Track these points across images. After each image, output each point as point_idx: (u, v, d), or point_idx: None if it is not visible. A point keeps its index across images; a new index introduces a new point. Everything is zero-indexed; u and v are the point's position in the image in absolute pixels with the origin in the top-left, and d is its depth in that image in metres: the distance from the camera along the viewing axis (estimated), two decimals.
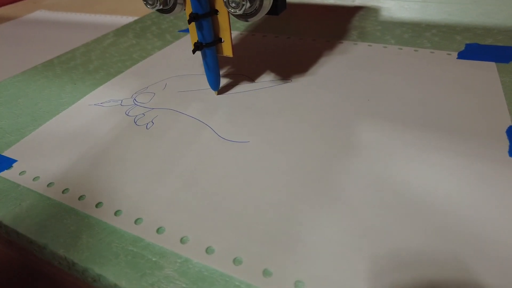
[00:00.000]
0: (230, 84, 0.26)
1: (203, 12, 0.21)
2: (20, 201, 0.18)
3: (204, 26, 0.22)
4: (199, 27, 0.22)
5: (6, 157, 0.21)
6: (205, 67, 0.24)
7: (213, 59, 0.23)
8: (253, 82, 0.26)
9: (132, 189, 0.18)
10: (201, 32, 0.22)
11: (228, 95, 0.25)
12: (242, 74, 0.27)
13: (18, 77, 0.31)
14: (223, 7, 0.21)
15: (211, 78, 0.24)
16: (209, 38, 0.22)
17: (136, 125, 0.23)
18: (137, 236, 0.16)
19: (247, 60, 0.30)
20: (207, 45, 0.22)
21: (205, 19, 0.21)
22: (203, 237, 0.15)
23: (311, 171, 0.18)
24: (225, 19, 0.22)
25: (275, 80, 0.26)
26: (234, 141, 0.20)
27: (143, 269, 0.14)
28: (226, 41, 0.23)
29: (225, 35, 0.22)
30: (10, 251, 0.19)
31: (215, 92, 0.25)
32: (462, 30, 0.31)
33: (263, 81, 0.26)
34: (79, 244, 0.16)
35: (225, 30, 0.22)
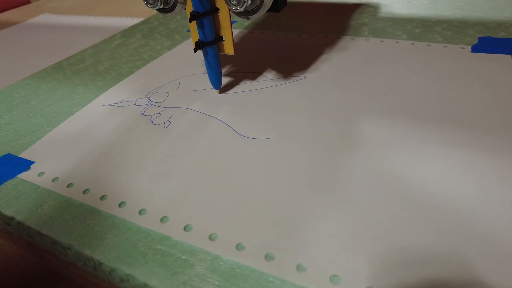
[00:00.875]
0: (243, 82, 0.26)
1: (203, 10, 0.21)
2: (41, 203, 0.18)
3: (205, 24, 0.21)
4: (200, 26, 0.22)
5: (24, 159, 0.21)
6: (206, 66, 0.24)
7: (214, 57, 0.23)
8: (267, 79, 0.26)
9: (154, 187, 0.18)
10: (202, 31, 0.22)
11: (243, 93, 0.25)
12: (255, 71, 0.27)
13: (28, 80, 0.31)
14: (224, 5, 0.21)
15: (213, 77, 0.24)
16: (210, 36, 0.22)
17: (153, 124, 0.22)
18: (164, 235, 0.15)
19: (254, 58, 0.29)
20: (208, 43, 0.22)
21: (206, 17, 0.21)
22: (232, 233, 0.15)
23: (333, 166, 0.18)
24: (226, 17, 0.22)
25: (289, 77, 0.26)
26: (254, 138, 0.20)
27: (173, 268, 0.14)
28: (228, 39, 0.22)
29: (226, 33, 0.22)
30: (29, 255, 0.19)
31: (217, 91, 0.25)
32: (473, 24, 0.31)
33: (277, 78, 0.26)
34: (105, 244, 0.15)
35: (226, 28, 0.22)
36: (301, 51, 0.30)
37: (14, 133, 0.24)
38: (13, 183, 0.19)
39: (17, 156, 0.21)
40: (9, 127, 0.24)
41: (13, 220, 0.17)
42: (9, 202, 0.18)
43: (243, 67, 0.28)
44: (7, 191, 0.19)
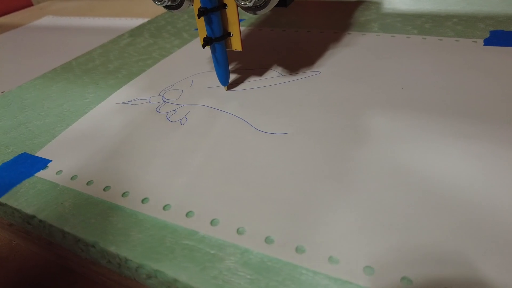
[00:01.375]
0: (256, 78, 0.26)
1: (211, 6, 0.21)
2: (61, 201, 0.18)
3: (213, 20, 0.21)
4: (208, 21, 0.22)
5: (40, 158, 0.21)
6: (214, 62, 0.24)
7: (222, 53, 0.23)
8: (281, 75, 0.26)
9: (176, 183, 0.17)
10: (210, 27, 0.22)
11: (257, 89, 0.25)
12: (268, 68, 0.27)
13: (38, 80, 0.31)
14: (231, 0, 0.21)
15: (221, 73, 0.24)
16: (218, 32, 0.22)
17: (169, 121, 0.22)
18: (191, 230, 0.15)
19: (265, 54, 0.29)
20: (216, 39, 0.22)
21: (214, 13, 0.21)
22: (260, 227, 0.15)
23: (352, 159, 0.18)
24: (233, 13, 0.22)
25: (303, 73, 0.26)
26: (273, 133, 0.20)
27: (203, 262, 0.14)
28: (235, 35, 0.22)
29: (233, 29, 0.22)
30: (48, 254, 0.19)
31: (225, 87, 0.25)
32: (483, 18, 0.31)
33: (290, 74, 0.26)
34: (130, 241, 0.15)
35: (233, 24, 0.22)
36: (312, 47, 0.30)
37: (29, 132, 0.23)
38: (31, 181, 0.19)
39: (33, 155, 0.21)
40: (23, 126, 0.24)
41: (34, 218, 0.17)
42: (29, 200, 0.18)
43: (255, 63, 0.28)
44: (26, 189, 0.19)
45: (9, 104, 0.27)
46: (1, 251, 0.20)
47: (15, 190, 0.19)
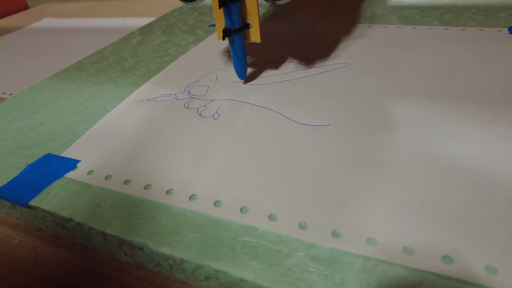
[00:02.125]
0: (283, 71, 0.25)
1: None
2: (99, 202, 0.16)
3: (233, 11, 0.21)
4: (227, 13, 0.21)
5: (67, 158, 0.19)
6: (232, 55, 0.23)
7: (241, 46, 0.23)
8: (309, 68, 0.25)
9: (224, 179, 0.17)
10: (230, 18, 0.21)
11: (287, 82, 0.24)
12: (292, 61, 0.26)
13: (49, 80, 0.29)
14: None
15: (239, 66, 0.24)
16: (238, 23, 0.21)
17: (201, 116, 0.21)
18: (248, 226, 0.14)
19: (288, 48, 0.29)
20: (235, 31, 0.21)
21: (234, 3, 0.20)
22: (323, 221, 0.14)
23: (395, 148, 0.17)
24: (253, 4, 0.21)
25: (330, 64, 0.25)
26: (314, 125, 0.19)
27: (268, 260, 0.13)
28: (254, 26, 0.22)
29: (253, 20, 0.22)
30: (79, 260, 0.18)
31: (242, 81, 0.24)
32: (502, 7, 0.31)
33: (318, 66, 0.25)
34: (183, 241, 0.14)
35: (253, 15, 0.21)
36: (335, 40, 0.29)
37: (50, 132, 0.22)
38: (61, 183, 0.18)
39: (59, 156, 0.20)
40: (43, 127, 0.23)
41: (70, 222, 0.16)
42: (62, 203, 0.17)
43: (278, 57, 0.27)
44: (57, 191, 0.17)
45: (23, 105, 0.26)
46: (26, 258, 0.19)
47: (46, 193, 0.17)
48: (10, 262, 0.19)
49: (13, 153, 0.21)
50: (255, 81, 0.25)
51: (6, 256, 0.20)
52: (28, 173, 0.19)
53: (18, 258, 0.19)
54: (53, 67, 0.33)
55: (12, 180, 0.19)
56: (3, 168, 0.20)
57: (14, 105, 0.26)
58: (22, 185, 0.18)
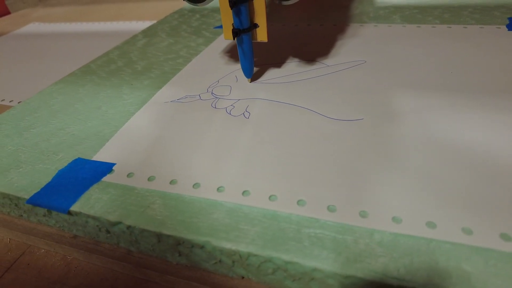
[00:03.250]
0: (303, 70, 0.26)
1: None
2: (148, 203, 0.16)
3: (242, 11, 0.21)
4: (236, 13, 0.21)
5: (101, 162, 0.19)
6: (240, 54, 0.24)
7: (249, 45, 0.23)
8: (327, 66, 0.26)
9: (275, 173, 0.17)
10: (239, 18, 0.22)
11: (309, 80, 0.24)
12: (311, 59, 0.27)
13: (58, 84, 0.28)
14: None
15: (246, 65, 0.24)
16: (246, 23, 0.22)
17: (231, 115, 0.21)
18: (308, 218, 0.14)
19: (302, 47, 0.29)
20: (244, 30, 0.22)
21: (243, 4, 0.21)
22: (383, 209, 0.14)
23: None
24: (261, 4, 0.22)
25: (347, 62, 0.26)
26: (348, 120, 0.20)
27: (337, 248, 0.13)
28: (262, 26, 0.22)
29: (260, 20, 0.22)
30: (118, 267, 0.17)
31: (249, 79, 0.25)
32: (495, 6, 0.33)
33: (335, 64, 0.26)
34: (246, 236, 0.14)
35: (260, 15, 0.22)
36: (345, 39, 0.30)
37: (73, 137, 0.21)
38: (100, 187, 0.17)
39: (90, 160, 0.19)
40: (63, 131, 0.22)
41: (118, 225, 0.16)
42: (106, 207, 0.16)
43: (293, 56, 0.28)
44: (98, 196, 0.17)
45: (37, 111, 0.25)
46: (57, 268, 0.18)
47: (86, 197, 0.17)
48: (41, 273, 0.18)
49: (38, 159, 0.20)
50: (275, 80, 0.25)
51: (35, 267, 0.19)
52: (60, 178, 0.18)
53: (49, 268, 0.19)
54: (53, 72, 0.32)
55: (45, 187, 0.18)
56: (32, 175, 0.19)
57: (26, 111, 0.25)
58: (57, 191, 0.17)
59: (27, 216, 0.19)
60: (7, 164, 0.20)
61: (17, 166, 0.20)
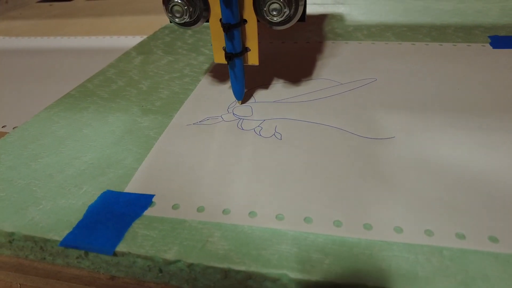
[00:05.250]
0: (317, 89, 0.26)
1: (235, 21, 0.21)
2: (205, 237, 0.15)
3: (236, 36, 0.22)
4: (229, 37, 0.22)
5: (138, 194, 0.17)
6: (232, 78, 0.24)
7: (241, 69, 0.23)
8: (340, 84, 0.26)
9: (331, 197, 0.17)
10: (232, 42, 0.22)
11: (327, 99, 0.25)
12: (324, 78, 0.28)
13: (56, 107, 0.26)
14: (252, 16, 0.21)
15: (238, 88, 0.24)
16: (239, 48, 0.22)
17: (263, 137, 0.21)
18: (376, 241, 0.14)
19: (308, 66, 0.30)
20: (236, 55, 0.22)
21: (236, 28, 0.21)
22: (446, 225, 0.15)
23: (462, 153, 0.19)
24: (253, 28, 0.22)
25: (360, 80, 0.27)
26: (380, 138, 0.20)
27: (414, 269, 0.13)
28: (253, 50, 0.23)
29: (252, 44, 0.23)
30: None
31: (239, 102, 0.25)
32: (474, 26, 0.36)
33: (347, 83, 0.27)
34: (320, 265, 0.14)
35: (252, 39, 0.22)
36: (348, 57, 0.31)
37: (92, 167, 0.20)
38: (144, 222, 0.16)
39: (123, 192, 0.18)
40: (78, 161, 0.20)
41: (177, 263, 0.14)
42: (158, 245, 0.15)
43: (308, 74, 0.28)
44: (145, 232, 0.16)
45: (39, 138, 0.22)
46: None
47: (131, 236, 0.16)
48: None
49: (59, 193, 0.18)
50: (292, 99, 0.25)
51: None
52: (94, 215, 0.17)
53: None
54: (39, 92, 0.29)
55: (79, 225, 0.16)
56: (57, 212, 0.17)
57: (26, 138, 0.22)
58: (95, 230, 0.16)
59: (52, 259, 0.17)
60: (22, 201, 0.18)
61: (36, 203, 0.18)
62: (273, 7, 0.20)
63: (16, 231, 0.16)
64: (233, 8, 0.20)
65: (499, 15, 0.38)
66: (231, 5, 0.20)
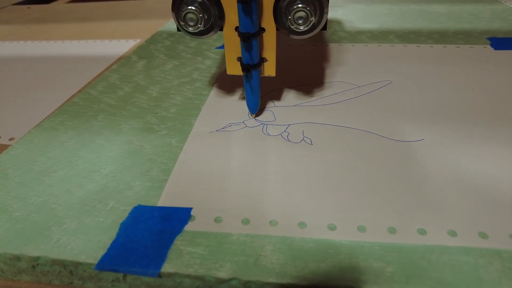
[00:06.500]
0: (335, 92, 0.26)
1: (254, 30, 0.19)
2: (256, 251, 0.14)
3: (254, 46, 0.20)
4: (247, 48, 0.20)
5: (175, 208, 0.16)
6: (247, 91, 0.22)
7: (258, 81, 0.22)
8: (358, 87, 0.26)
9: (385, 202, 0.16)
10: (249, 53, 0.20)
11: (349, 102, 0.24)
12: (339, 81, 0.27)
13: (59, 116, 0.24)
14: (271, 24, 0.20)
15: (253, 101, 0.22)
16: (257, 59, 0.21)
17: (292, 142, 0.20)
18: (429, 245, 0.14)
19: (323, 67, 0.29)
20: (253, 66, 0.21)
21: (255, 38, 0.20)
22: (501, 227, 0.15)
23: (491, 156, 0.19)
24: (272, 37, 0.20)
25: (374, 83, 0.27)
26: (410, 141, 0.20)
27: (477, 272, 0.13)
28: (270, 60, 0.21)
29: (270, 54, 0.21)
30: None
31: (253, 115, 0.23)
32: (472, 28, 0.37)
33: (363, 85, 0.26)
34: (382, 274, 0.13)
35: (270, 49, 0.21)
36: (355, 59, 0.31)
37: (115, 180, 0.18)
38: (186, 238, 0.15)
39: (157, 207, 0.16)
40: (98, 174, 0.19)
41: (231, 282, 0.13)
42: (206, 263, 0.14)
43: (320, 76, 0.28)
44: (190, 249, 0.14)
45: (47, 150, 0.20)
46: None
47: (175, 254, 0.14)
48: None
49: (82, 211, 0.16)
50: (313, 102, 0.24)
51: None
52: (128, 233, 0.15)
53: None
54: (35, 100, 0.27)
55: (113, 246, 0.15)
56: (85, 232, 0.15)
57: (32, 150, 0.21)
58: (133, 250, 0.15)
59: (82, 283, 0.15)
60: (43, 221, 0.16)
61: (58, 222, 0.16)
62: (299, 15, 0.18)
63: (42, 255, 0.15)
64: (253, 16, 0.19)
65: (491, 18, 0.40)
66: (251, 13, 0.19)
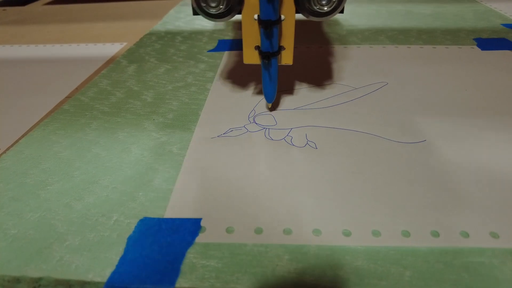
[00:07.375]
0: (333, 94, 0.26)
1: (276, 18, 0.20)
2: (273, 262, 0.14)
3: (274, 34, 0.20)
4: (268, 36, 0.20)
5: (183, 219, 0.16)
6: (265, 79, 0.22)
7: (276, 69, 0.22)
8: (354, 89, 0.26)
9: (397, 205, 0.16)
10: (270, 41, 0.20)
11: (348, 104, 0.24)
12: (337, 83, 0.27)
13: (50, 124, 0.23)
14: (290, 11, 0.20)
15: (271, 90, 0.23)
16: (276, 46, 0.21)
17: (297, 147, 0.20)
18: (444, 248, 0.14)
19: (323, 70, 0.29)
20: (273, 54, 0.21)
21: (276, 26, 0.20)
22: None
23: None
24: (291, 25, 0.20)
25: (370, 84, 0.27)
26: (411, 143, 0.20)
27: (494, 274, 0.13)
28: (288, 49, 0.21)
29: (288, 42, 0.21)
30: None
31: (269, 104, 0.24)
32: (458, 29, 0.38)
33: (360, 87, 0.27)
34: (400, 279, 0.13)
35: (289, 37, 0.21)
36: (357, 61, 0.31)
37: (116, 191, 0.17)
38: (198, 250, 0.14)
39: (164, 218, 0.16)
40: (98, 185, 0.18)
41: None
42: (223, 275, 0.13)
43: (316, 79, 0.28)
44: (203, 262, 0.14)
45: (40, 161, 0.19)
46: None
47: (188, 268, 0.14)
48: None
49: (85, 225, 0.16)
50: (312, 105, 0.24)
51: None
52: (136, 248, 0.15)
53: None
54: (20, 107, 0.26)
55: (122, 262, 0.14)
56: (90, 249, 0.15)
57: (23, 162, 0.19)
58: (143, 265, 0.14)
59: None
60: (42, 239, 0.15)
61: (59, 239, 0.15)
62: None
63: (45, 275, 0.14)
64: (275, 3, 0.19)
65: (474, 19, 0.41)
66: None
